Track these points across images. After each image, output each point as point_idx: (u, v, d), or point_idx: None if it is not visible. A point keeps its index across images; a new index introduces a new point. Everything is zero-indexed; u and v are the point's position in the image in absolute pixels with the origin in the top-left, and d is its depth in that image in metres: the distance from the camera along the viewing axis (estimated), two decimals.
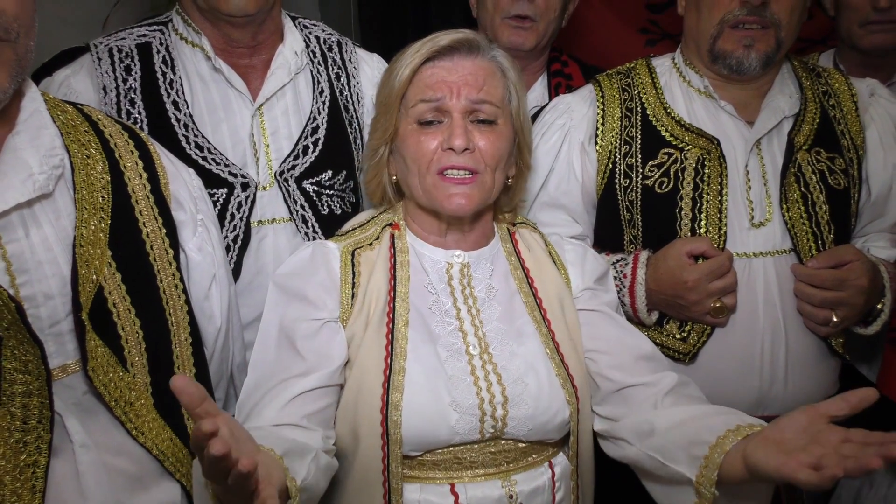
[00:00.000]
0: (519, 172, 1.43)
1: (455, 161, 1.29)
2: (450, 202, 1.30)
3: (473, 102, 1.30)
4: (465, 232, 1.39)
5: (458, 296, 1.35)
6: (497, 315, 1.34)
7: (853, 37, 2.00)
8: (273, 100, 1.63)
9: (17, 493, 1.03)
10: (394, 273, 1.34)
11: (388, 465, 1.24)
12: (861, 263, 1.52)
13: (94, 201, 1.16)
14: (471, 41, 1.33)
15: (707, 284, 1.50)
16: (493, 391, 1.27)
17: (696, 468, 1.14)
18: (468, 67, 1.31)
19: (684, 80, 1.68)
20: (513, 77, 1.36)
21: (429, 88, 1.31)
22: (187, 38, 1.60)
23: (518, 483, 1.29)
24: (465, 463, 1.28)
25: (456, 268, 1.37)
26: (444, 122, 1.31)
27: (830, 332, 1.55)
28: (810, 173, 1.59)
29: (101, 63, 1.56)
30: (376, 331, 1.29)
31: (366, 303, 1.31)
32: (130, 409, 1.16)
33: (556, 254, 1.44)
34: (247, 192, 1.58)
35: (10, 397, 1.03)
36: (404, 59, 1.33)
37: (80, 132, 1.19)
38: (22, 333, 1.02)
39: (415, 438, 1.24)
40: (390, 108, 1.34)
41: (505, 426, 1.27)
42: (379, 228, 1.41)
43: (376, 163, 1.40)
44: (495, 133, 1.32)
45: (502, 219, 1.46)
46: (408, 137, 1.33)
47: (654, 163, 1.62)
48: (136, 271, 1.20)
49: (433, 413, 1.24)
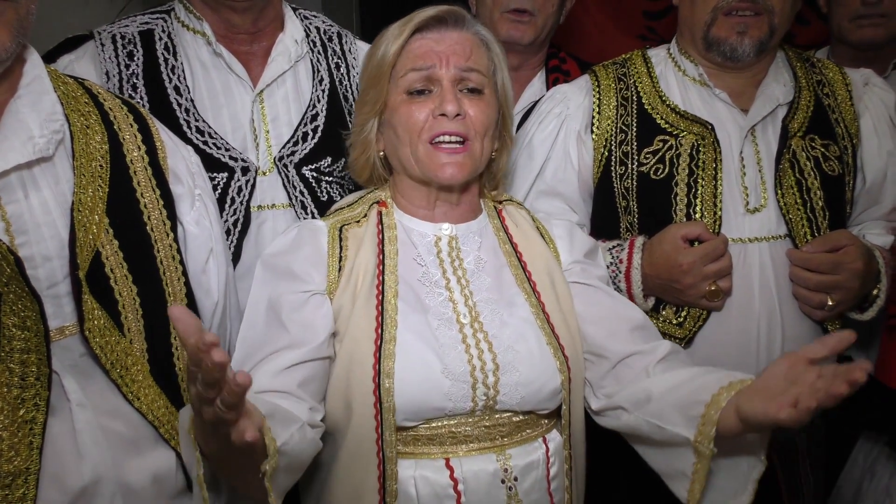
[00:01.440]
0: (503, 145, 1.45)
1: (447, 127, 1.31)
2: (443, 171, 1.32)
3: (462, 70, 1.33)
4: (453, 204, 1.40)
5: (447, 267, 1.36)
6: (487, 286, 1.36)
7: (844, 32, 2.03)
8: (273, 86, 1.65)
9: (14, 449, 1.04)
10: (382, 248, 1.36)
11: (381, 433, 1.24)
12: (856, 248, 1.53)
13: (93, 169, 1.18)
14: (456, 13, 1.37)
15: (702, 267, 1.51)
16: (485, 358, 1.28)
17: (694, 427, 1.16)
18: (455, 38, 1.35)
19: (679, 69, 1.70)
20: (496, 50, 1.40)
21: (418, 58, 1.33)
22: (189, 25, 1.63)
23: (513, 457, 1.30)
24: (459, 437, 1.28)
25: (444, 240, 1.39)
26: (434, 90, 1.33)
27: (826, 315, 1.55)
28: (805, 160, 1.61)
29: (104, 49, 1.58)
30: (365, 303, 1.30)
31: (353, 276, 1.33)
32: (126, 374, 1.17)
33: (544, 228, 1.46)
34: (247, 177, 1.59)
35: (8, 353, 1.04)
36: (391, 33, 1.36)
37: (81, 103, 1.21)
38: (21, 288, 1.03)
39: (408, 406, 1.25)
40: (380, 81, 1.36)
41: (497, 393, 1.27)
42: (366, 206, 1.42)
43: (364, 138, 1.42)
44: (483, 101, 1.35)
45: (487, 195, 1.48)
46: (399, 108, 1.35)
47: (650, 150, 1.63)
48: (134, 239, 1.22)
49: (425, 379, 1.25)
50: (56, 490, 1.09)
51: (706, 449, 1.14)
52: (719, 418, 1.12)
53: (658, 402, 1.23)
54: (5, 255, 1.01)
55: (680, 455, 1.20)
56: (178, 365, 1.27)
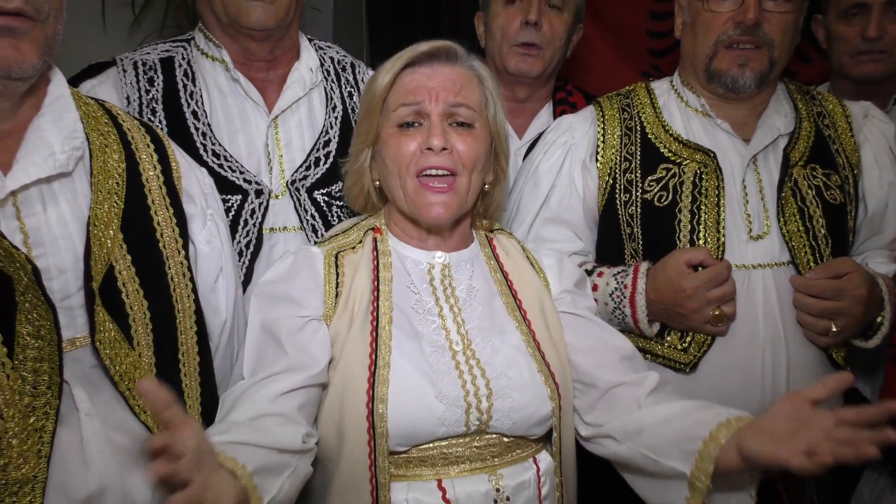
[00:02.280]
0: (496, 179, 1.47)
1: (433, 161, 1.33)
2: (429, 211, 1.35)
3: (451, 106, 1.36)
4: (445, 237, 1.43)
5: (439, 295, 1.38)
6: (478, 314, 1.38)
7: (845, 67, 2.07)
8: (288, 112, 1.70)
9: (23, 456, 1.06)
10: (377, 274, 1.38)
11: (374, 459, 1.25)
12: (859, 274, 1.54)
13: (110, 186, 1.22)
14: (449, 49, 1.40)
15: (706, 292, 1.52)
16: (478, 384, 1.29)
17: (691, 462, 1.17)
18: (446, 73, 1.38)
19: (682, 100, 1.74)
20: (490, 86, 1.42)
21: (409, 93, 1.36)
22: (208, 53, 1.69)
23: (504, 477, 1.31)
24: (451, 458, 1.29)
25: (437, 268, 1.41)
26: (423, 124, 1.36)
27: (830, 342, 1.56)
28: (806, 188, 1.63)
29: (125, 75, 1.64)
30: (360, 329, 1.32)
31: (350, 301, 1.35)
32: (134, 387, 1.19)
33: (534, 258, 1.49)
34: (260, 199, 1.63)
35: (21, 362, 1.06)
36: (385, 66, 1.40)
37: (101, 123, 1.25)
38: (37, 297, 1.06)
39: (401, 431, 1.26)
40: (373, 113, 1.40)
41: (490, 418, 1.29)
42: (361, 233, 1.45)
43: (358, 167, 1.45)
44: (472, 136, 1.37)
45: (480, 225, 1.51)
46: (389, 140, 1.38)
47: (653, 177, 1.66)
48: (146, 255, 1.25)
49: (419, 405, 1.26)
50: (62, 499, 1.10)
51: (702, 485, 1.15)
52: (717, 455, 1.13)
53: (651, 434, 1.25)
54: (23, 265, 1.04)
55: (672, 488, 1.21)
56: (185, 381, 1.29)
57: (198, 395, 1.33)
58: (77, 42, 1.80)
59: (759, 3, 1.59)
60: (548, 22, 2.03)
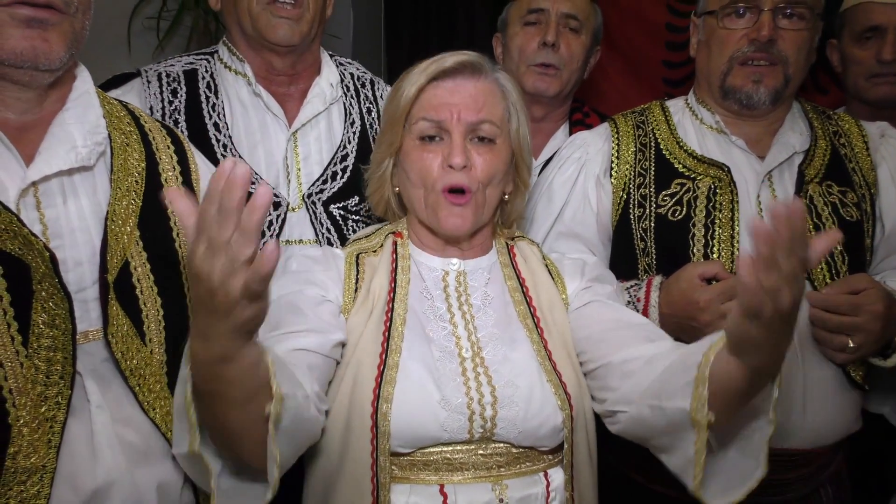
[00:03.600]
0: (516, 190, 1.48)
1: (454, 179, 1.35)
2: (447, 222, 1.36)
3: (472, 124, 1.37)
4: (463, 247, 1.44)
5: (452, 301, 1.39)
6: (492, 321, 1.38)
7: (861, 90, 2.07)
8: (307, 127, 1.74)
9: (33, 445, 1.07)
10: (394, 276, 1.40)
11: (376, 458, 1.25)
12: (876, 290, 1.52)
13: (129, 184, 1.24)
14: (474, 63, 1.41)
15: (719, 305, 1.50)
16: (483, 391, 1.28)
17: (689, 395, 1.11)
18: (469, 89, 1.38)
19: (696, 117, 1.75)
20: (513, 99, 1.43)
21: (432, 109, 1.38)
22: (231, 67, 1.73)
23: (509, 488, 1.28)
24: (455, 464, 1.28)
25: (452, 275, 1.42)
26: (444, 139, 1.38)
27: (848, 358, 1.53)
28: (822, 205, 1.62)
29: (149, 85, 1.69)
30: (375, 327, 1.33)
31: (368, 299, 1.36)
32: (144, 383, 1.20)
33: (554, 266, 1.48)
34: (278, 212, 1.66)
35: (36, 350, 1.08)
36: (411, 78, 1.41)
37: (123, 123, 1.29)
38: (53, 286, 1.08)
39: (403, 432, 1.25)
40: (396, 124, 1.42)
41: (494, 427, 1.27)
42: (382, 237, 1.47)
43: (380, 175, 1.47)
44: (493, 152, 1.38)
45: (500, 233, 1.51)
46: (411, 152, 1.40)
47: (668, 192, 1.66)
48: (162, 253, 1.27)
49: (422, 408, 1.26)
50: (69, 490, 1.11)
51: (702, 417, 1.09)
52: (713, 373, 1.08)
53: (656, 383, 1.20)
54: (41, 252, 1.06)
55: (685, 440, 1.14)
56: None
57: None
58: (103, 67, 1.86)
59: (773, 20, 1.60)
60: (565, 43, 2.06)
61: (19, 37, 1.06)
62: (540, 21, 2.07)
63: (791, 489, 1.62)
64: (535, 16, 2.08)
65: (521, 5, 2.11)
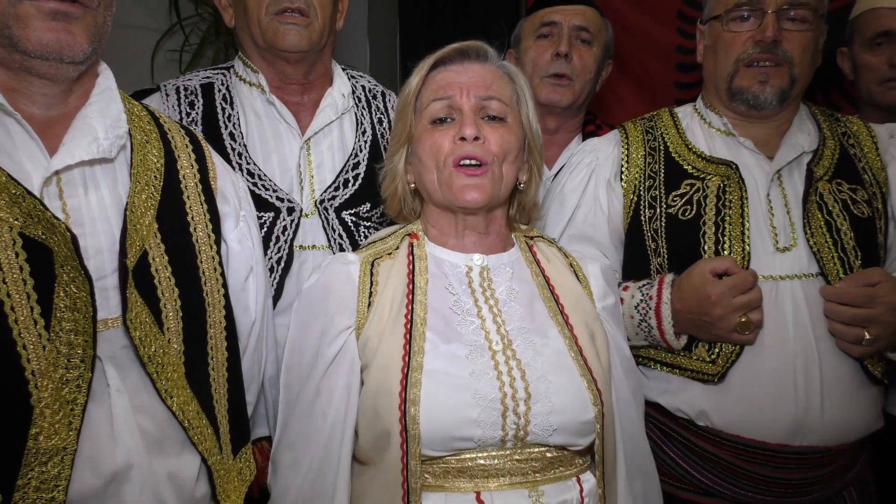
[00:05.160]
0: (530, 177, 1.47)
1: (467, 150, 1.35)
2: (462, 193, 1.35)
3: (482, 99, 1.39)
4: (481, 234, 1.43)
5: (478, 296, 1.38)
6: (519, 315, 1.36)
7: (874, 95, 2.08)
8: (320, 135, 1.78)
9: (54, 427, 1.09)
10: (412, 278, 1.38)
11: (406, 463, 1.23)
12: (891, 283, 1.51)
13: (148, 178, 1.28)
14: (479, 47, 1.44)
15: (731, 299, 1.51)
16: (517, 386, 1.27)
17: None
18: (477, 70, 1.42)
19: (705, 121, 1.77)
20: (521, 83, 1.45)
21: (440, 89, 1.40)
22: (246, 79, 1.79)
23: (545, 494, 1.27)
24: (490, 470, 1.26)
25: (476, 270, 1.41)
26: (455, 119, 1.39)
27: (864, 351, 1.52)
28: (832, 202, 1.63)
29: (168, 99, 1.74)
30: (392, 332, 1.31)
31: (380, 307, 1.35)
32: (162, 371, 1.21)
33: (578, 266, 1.48)
34: (292, 217, 1.69)
35: (57, 334, 1.10)
36: (417, 67, 1.45)
37: (143, 122, 1.33)
38: (74, 269, 1.11)
39: (435, 434, 1.23)
40: (405, 113, 1.44)
41: (528, 423, 1.26)
42: (398, 239, 1.45)
43: (392, 168, 1.48)
44: (504, 128, 1.39)
45: (518, 230, 1.51)
46: (423, 136, 1.41)
47: (677, 192, 1.68)
48: (179, 246, 1.29)
49: (454, 407, 1.24)
50: (90, 472, 1.12)
51: None
52: None
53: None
54: (63, 234, 1.09)
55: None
56: (213, 375, 1.32)
57: (225, 390, 1.35)
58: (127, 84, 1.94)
59: (777, 21, 1.63)
60: (578, 54, 2.11)
61: (45, 29, 1.11)
62: (552, 34, 2.13)
63: (813, 490, 1.59)
64: (548, 28, 2.14)
65: (534, 19, 2.18)
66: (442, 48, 1.45)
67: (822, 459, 1.57)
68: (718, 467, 1.59)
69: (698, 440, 1.60)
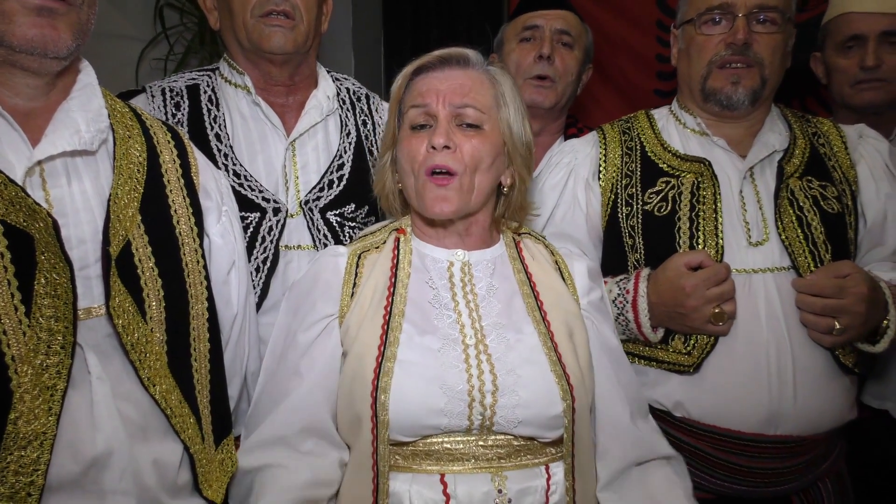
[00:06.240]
0: (514, 181, 1.48)
1: (437, 159, 1.37)
2: (432, 205, 1.39)
3: (457, 107, 1.40)
4: (461, 235, 1.46)
5: (457, 291, 1.41)
6: (496, 311, 1.40)
7: (846, 97, 2.13)
8: (305, 137, 1.81)
9: (33, 412, 1.10)
10: (395, 272, 1.42)
11: (376, 447, 1.28)
12: (860, 274, 1.55)
13: (131, 172, 1.30)
14: (461, 54, 1.46)
15: (705, 290, 1.54)
16: (484, 379, 1.31)
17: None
18: (457, 77, 1.43)
19: (680, 122, 1.82)
20: (505, 88, 1.45)
21: (419, 96, 1.43)
22: (231, 80, 1.82)
23: (509, 480, 1.30)
24: (455, 454, 1.30)
25: (457, 265, 1.44)
26: (433, 125, 1.41)
27: (835, 340, 1.56)
28: (803, 198, 1.67)
29: (153, 100, 1.77)
30: (371, 322, 1.36)
31: (363, 298, 1.40)
32: (145, 359, 1.23)
33: (564, 264, 1.51)
34: (277, 217, 1.71)
35: (38, 321, 1.12)
36: (401, 72, 1.48)
37: (126, 118, 1.35)
38: (56, 255, 1.12)
39: (403, 421, 1.28)
40: (391, 117, 1.48)
41: (494, 414, 1.30)
42: (386, 234, 1.50)
43: (381, 167, 1.52)
44: (479, 137, 1.40)
45: (506, 227, 1.54)
46: (402, 141, 1.44)
47: (653, 190, 1.72)
48: (162, 238, 1.31)
49: (422, 396, 1.29)
50: (69, 457, 1.13)
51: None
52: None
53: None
54: (44, 219, 1.11)
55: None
56: (195, 366, 1.33)
57: (207, 381, 1.36)
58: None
59: (747, 24, 1.68)
60: (560, 57, 2.16)
61: (30, 24, 1.13)
62: (535, 37, 2.18)
63: (788, 480, 1.62)
64: (530, 32, 2.19)
65: (517, 24, 2.23)
66: (426, 52, 1.48)
67: (797, 449, 1.60)
68: (696, 458, 1.61)
69: (676, 431, 1.62)
